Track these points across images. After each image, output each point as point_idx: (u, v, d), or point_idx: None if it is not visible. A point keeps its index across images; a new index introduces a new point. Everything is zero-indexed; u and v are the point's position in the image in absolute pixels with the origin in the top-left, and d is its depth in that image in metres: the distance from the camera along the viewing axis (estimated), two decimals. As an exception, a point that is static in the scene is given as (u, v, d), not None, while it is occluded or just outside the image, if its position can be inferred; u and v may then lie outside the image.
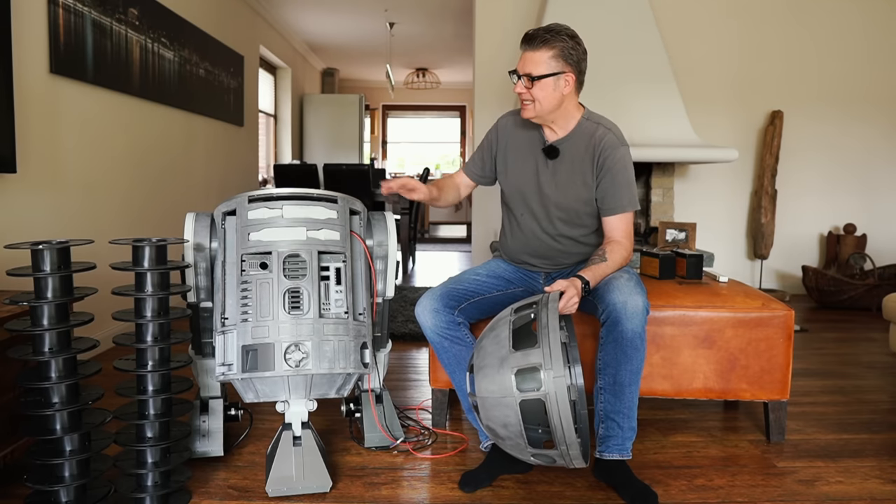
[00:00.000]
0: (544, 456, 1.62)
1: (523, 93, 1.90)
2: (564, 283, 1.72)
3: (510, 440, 1.62)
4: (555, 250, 2.06)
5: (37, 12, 2.68)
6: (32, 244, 1.57)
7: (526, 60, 1.88)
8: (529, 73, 1.87)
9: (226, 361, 1.76)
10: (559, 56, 1.86)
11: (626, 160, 1.95)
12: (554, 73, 1.87)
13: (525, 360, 1.56)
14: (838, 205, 5.03)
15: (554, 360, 1.51)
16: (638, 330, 1.78)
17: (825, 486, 1.88)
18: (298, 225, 1.83)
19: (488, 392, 1.60)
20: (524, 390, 1.56)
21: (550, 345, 1.53)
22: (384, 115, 11.24)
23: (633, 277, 1.86)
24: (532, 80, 1.87)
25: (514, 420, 1.58)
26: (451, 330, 1.94)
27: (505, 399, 1.57)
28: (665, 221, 4.03)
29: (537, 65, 1.87)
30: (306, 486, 1.78)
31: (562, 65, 1.87)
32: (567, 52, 1.87)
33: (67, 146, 2.94)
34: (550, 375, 1.51)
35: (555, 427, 1.53)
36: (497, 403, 1.59)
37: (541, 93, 1.88)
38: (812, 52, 4.94)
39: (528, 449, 1.61)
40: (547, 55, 1.86)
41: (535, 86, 1.88)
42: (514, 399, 1.56)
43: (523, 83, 1.89)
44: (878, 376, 2.97)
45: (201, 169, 4.58)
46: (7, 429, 1.77)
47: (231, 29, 5.24)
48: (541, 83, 1.87)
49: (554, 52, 1.86)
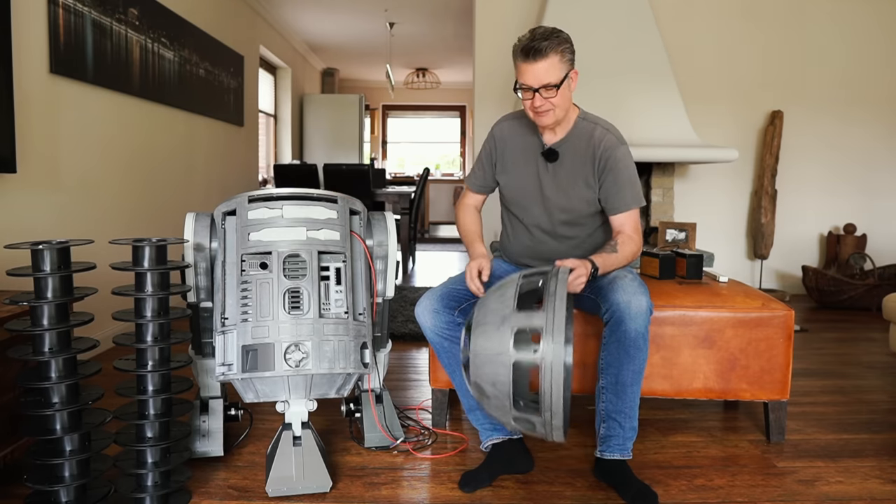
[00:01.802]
0: (526, 421, 1.60)
1: (543, 104, 1.86)
2: (576, 262, 1.73)
3: (496, 400, 1.61)
4: (557, 252, 2.06)
5: (37, 12, 2.68)
6: (32, 244, 1.57)
7: (538, 72, 1.83)
8: (549, 84, 1.83)
9: (226, 361, 1.76)
10: (565, 57, 1.86)
11: (628, 158, 1.96)
12: (567, 76, 1.87)
13: (528, 322, 1.55)
14: (838, 205, 5.03)
15: (556, 328, 1.50)
16: (641, 330, 1.78)
17: (825, 486, 1.88)
18: (298, 225, 1.83)
19: (483, 349, 1.58)
20: (521, 351, 1.55)
21: (555, 312, 1.52)
22: (384, 115, 11.24)
23: (636, 278, 1.87)
24: (556, 88, 1.84)
25: (504, 379, 1.56)
26: (450, 330, 1.94)
27: (500, 357, 1.56)
28: (665, 221, 4.03)
29: (553, 72, 1.83)
30: (306, 486, 1.78)
31: (568, 64, 1.87)
32: (569, 51, 1.88)
33: (67, 146, 2.94)
34: (550, 341, 1.50)
35: (544, 392, 1.51)
36: (490, 360, 1.57)
37: (561, 99, 1.87)
38: (812, 53, 4.94)
39: (512, 411, 1.59)
40: (556, 60, 1.83)
41: (557, 93, 1.85)
42: (509, 358, 1.55)
43: (542, 94, 1.85)
44: (878, 376, 2.97)
45: (201, 169, 4.58)
46: (7, 429, 1.77)
47: (231, 29, 5.24)
48: (560, 89, 1.85)
49: (561, 56, 1.84)
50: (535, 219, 2.06)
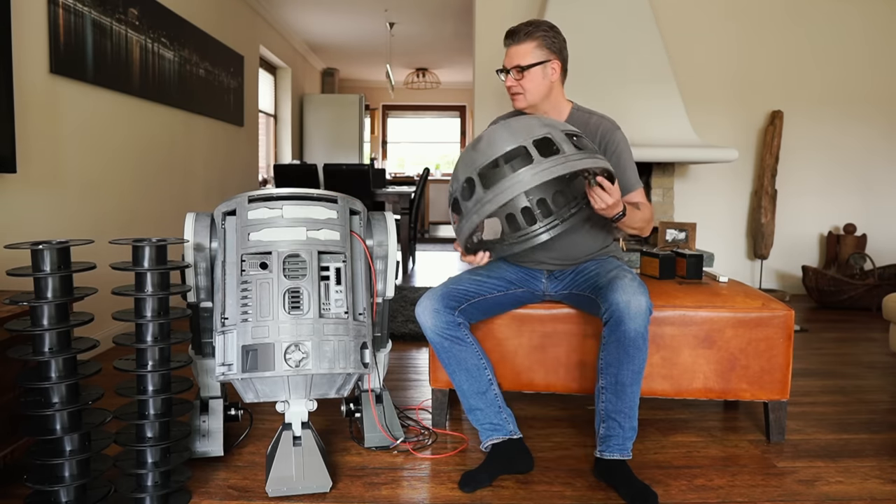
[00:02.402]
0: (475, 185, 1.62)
1: (514, 85, 1.99)
2: (616, 194, 1.76)
3: (479, 154, 1.65)
4: (568, 249, 2.07)
5: (37, 12, 2.68)
6: (32, 244, 1.57)
7: (512, 55, 1.98)
8: (518, 65, 1.97)
9: (226, 361, 1.76)
10: (543, 45, 1.97)
11: (626, 142, 2.04)
12: (541, 62, 1.97)
13: (532, 151, 1.60)
14: (838, 205, 5.03)
15: (543, 172, 1.56)
16: (640, 330, 1.78)
17: (825, 486, 1.88)
18: (298, 225, 1.83)
19: (496, 133, 1.66)
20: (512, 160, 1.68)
21: (555, 165, 1.57)
22: (384, 115, 11.24)
23: (636, 278, 1.87)
24: (521, 70, 1.97)
25: (491, 151, 1.63)
26: (451, 330, 1.94)
27: (502, 142, 1.64)
28: (665, 221, 4.04)
29: (524, 56, 1.96)
30: (306, 486, 1.78)
31: (546, 53, 1.98)
32: (549, 40, 1.98)
33: (67, 146, 2.94)
34: (531, 173, 1.57)
35: (496, 193, 1.57)
36: (492, 142, 1.65)
37: (530, 83, 1.98)
38: (812, 53, 4.94)
39: (478, 169, 1.63)
40: (532, 45, 1.96)
41: (524, 76, 1.97)
42: (503, 148, 1.62)
43: (513, 76, 1.98)
44: (878, 376, 2.97)
45: (201, 169, 4.58)
46: (7, 429, 1.77)
47: (231, 29, 5.24)
48: (530, 73, 1.97)
49: (538, 43, 1.97)
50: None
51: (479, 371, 1.95)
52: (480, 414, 1.96)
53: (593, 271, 2.01)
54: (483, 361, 1.97)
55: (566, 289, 2.08)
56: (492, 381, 1.97)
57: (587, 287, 1.98)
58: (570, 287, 2.07)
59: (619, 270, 1.92)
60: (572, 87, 4.37)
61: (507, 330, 2.18)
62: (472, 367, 1.95)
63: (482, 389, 1.95)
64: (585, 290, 1.99)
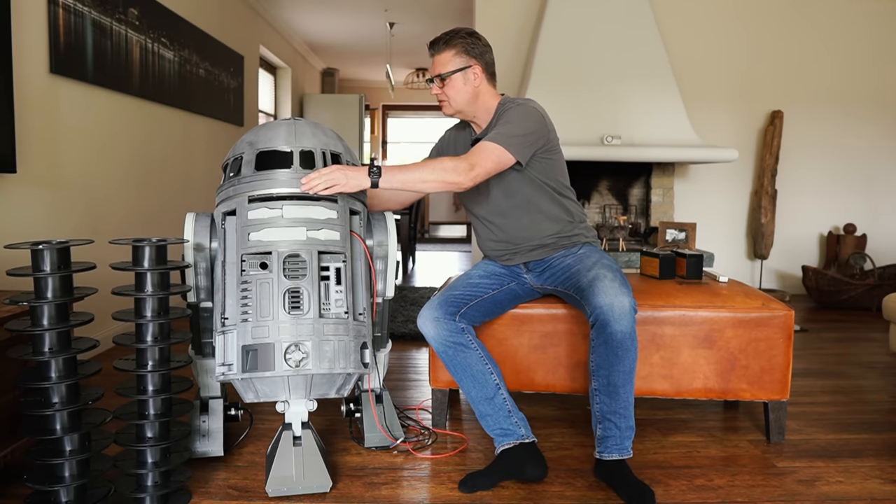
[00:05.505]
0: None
1: (438, 93, 2.04)
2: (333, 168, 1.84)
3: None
4: (523, 232, 2.07)
5: (37, 12, 2.68)
6: (32, 244, 1.57)
7: (434, 64, 2.04)
8: (439, 74, 2.02)
9: (226, 361, 1.76)
10: (461, 52, 2.01)
11: (520, 112, 1.97)
12: (461, 69, 2.01)
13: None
14: (838, 205, 5.04)
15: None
16: (627, 330, 1.78)
17: (825, 486, 1.88)
18: (298, 225, 1.83)
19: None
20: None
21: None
22: (384, 115, 11.23)
23: (617, 277, 1.86)
24: (442, 79, 2.02)
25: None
26: (454, 337, 1.94)
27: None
28: (665, 221, 4.04)
29: (444, 65, 2.02)
30: (306, 486, 1.78)
31: (466, 59, 2.02)
32: (468, 47, 2.02)
33: (67, 146, 2.94)
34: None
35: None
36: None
37: (452, 90, 2.02)
38: (812, 52, 4.94)
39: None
40: (451, 54, 2.01)
41: (446, 84, 2.02)
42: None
43: (436, 84, 2.04)
44: (878, 376, 2.97)
45: (201, 169, 4.58)
46: (7, 429, 1.77)
47: (231, 29, 5.24)
48: (451, 80, 2.02)
49: (456, 50, 2.01)
50: (486, 211, 2.10)
51: (485, 376, 1.94)
52: (491, 420, 1.94)
53: (573, 268, 1.99)
54: (488, 366, 1.95)
55: (549, 283, 2.07)
56: (499, 386, 1.95)
57: (570, 286, 1.97)
58: (553, 282, 2.06)
59: (598, 269, 1.90)
60: (572, 87, 4.37)
61: (507, 330, 2.18)
62: (478, 372, 1.94)
63: (489, 395, 1.94)
64: (569, 288, 1.98)
